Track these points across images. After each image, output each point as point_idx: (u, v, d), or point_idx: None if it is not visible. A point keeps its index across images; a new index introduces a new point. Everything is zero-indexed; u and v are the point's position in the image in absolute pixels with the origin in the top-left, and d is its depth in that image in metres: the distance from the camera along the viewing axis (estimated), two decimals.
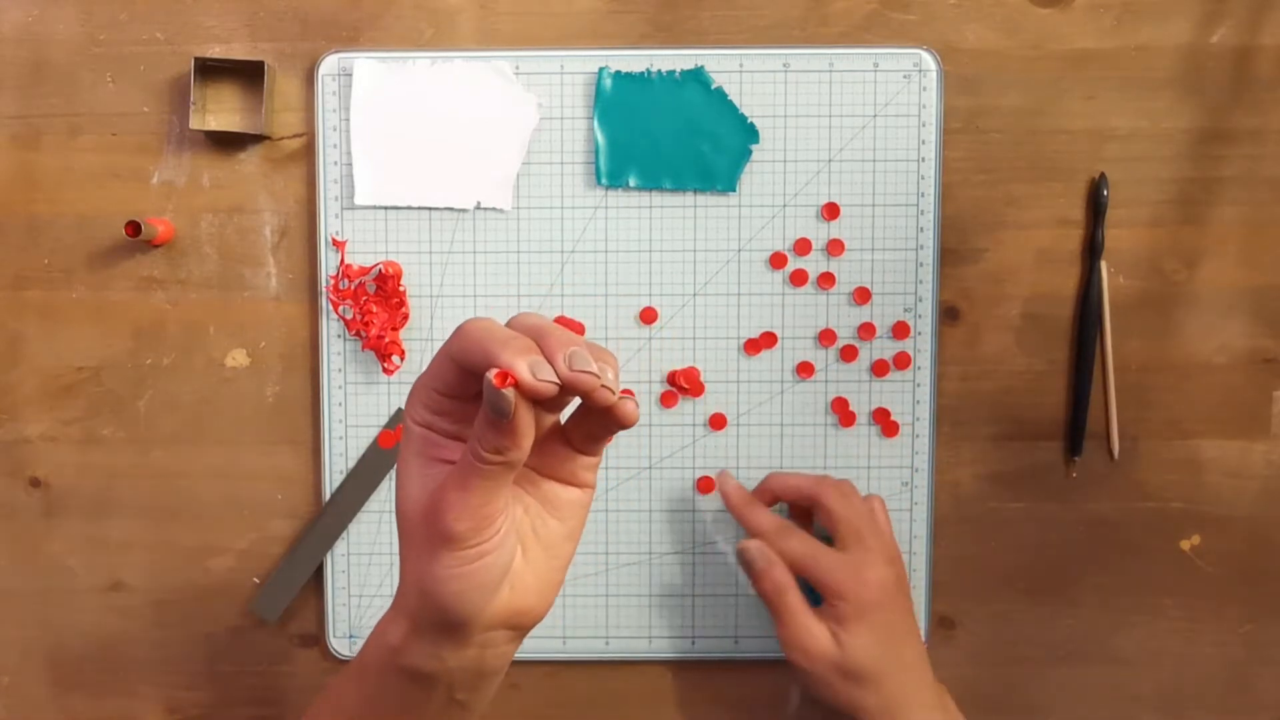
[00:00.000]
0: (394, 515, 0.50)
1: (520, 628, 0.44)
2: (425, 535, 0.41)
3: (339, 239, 0.66)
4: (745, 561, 0.61)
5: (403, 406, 0.66)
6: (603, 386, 0.38)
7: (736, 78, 0.66)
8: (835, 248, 0.66)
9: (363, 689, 0.45)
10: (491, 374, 0.37)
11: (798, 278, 0.66)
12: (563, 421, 0.44)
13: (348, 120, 0.66)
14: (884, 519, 0.63)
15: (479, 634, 0.43)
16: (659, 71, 0.66)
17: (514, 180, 0.66)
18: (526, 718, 0.69)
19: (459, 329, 0.40)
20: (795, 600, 0.60)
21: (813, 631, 0.60)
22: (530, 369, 0.38)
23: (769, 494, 0.64)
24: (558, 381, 0.38)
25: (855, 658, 0.59)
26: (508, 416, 0.38)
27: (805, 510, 0.64)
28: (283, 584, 0.67)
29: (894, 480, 0.67)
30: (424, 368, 0.66)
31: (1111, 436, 0.67)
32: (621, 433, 0.66)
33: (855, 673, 0.59)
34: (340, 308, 0.66)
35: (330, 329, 0.67)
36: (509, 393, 0.37)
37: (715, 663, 0.68)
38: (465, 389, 0.41)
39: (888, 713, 0.59)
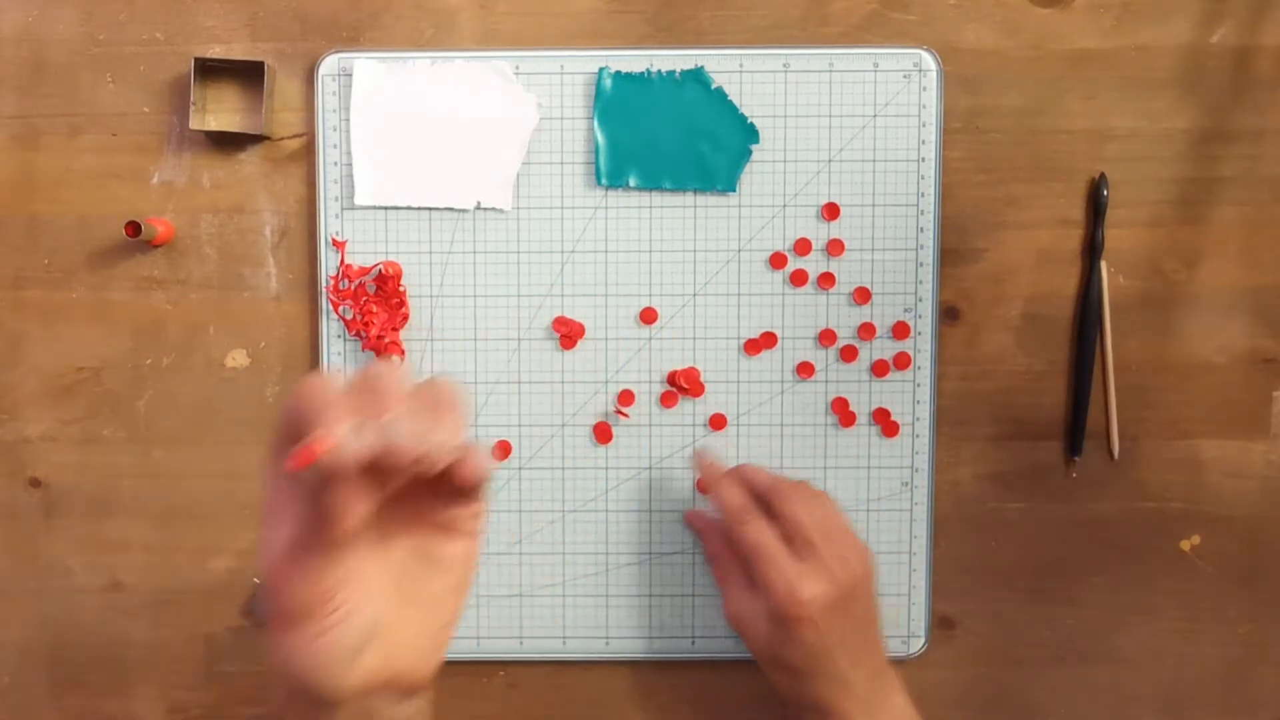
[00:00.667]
0: None
1: (405, 689, 0.42)
2: (270, 609, 0.39)
3: (339, 239, 0.66)
4: (695, 529, 0.63)
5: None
6: (433, 452, 0.36)
7: (736, 78, 0.66)
8: (835, 248, 0.66)
9: None
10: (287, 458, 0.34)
11: (798, 278, 0.66)
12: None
13: (348, 120, 0.66)
14: (838, 527, 0.60)
15: (353, 701, 0.40)
16: (659, 71, 0.66)
17: (514, 180, 0.66)
18: (526, 718, 0.69)
19: (290, 395, 0.38)
20: (736, 576, 0.61)
21: (749, 615, 0.60)
22: (333, 448, 0.34)
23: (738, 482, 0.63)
24: (353, 462, 0.34)
25: (784, 654, 0.59)
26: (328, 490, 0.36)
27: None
28: None
29: (894, 480, 0.67)
30: (424, 367, 0.66)
31: (1111, 436, 0.67)
32: (623, 433, 0.66)
33: (781, 664, 0.59)
34: (340, 308, 0.66)
35: (330, 329, 0.67)
36: (307, 472, 0.35)
37: (715, 663, 0.68)
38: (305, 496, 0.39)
39: (803, 705, 0.60)
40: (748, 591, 0.61)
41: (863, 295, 0.66)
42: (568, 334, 0.66)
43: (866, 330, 0.67)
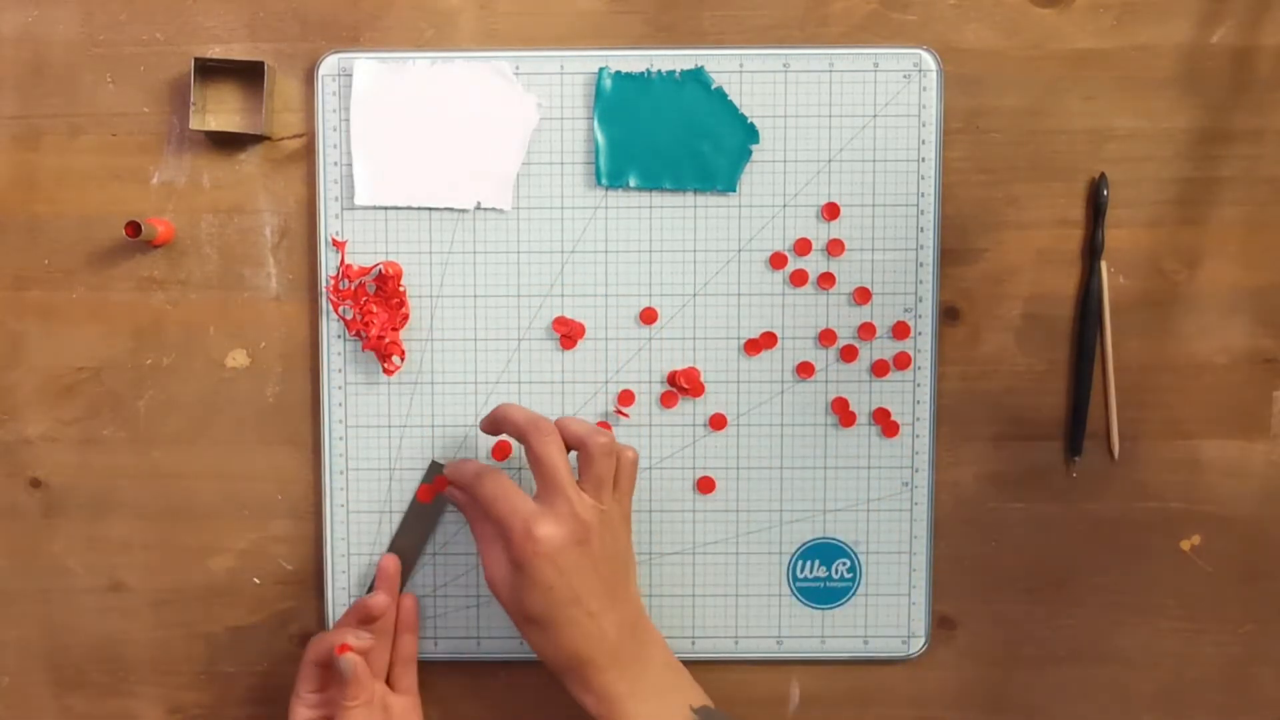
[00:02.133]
0: (393, 518, 0.64)
1: None
2: None
3: (339, 239, 0.66)
4: (456, 501, 0.65)
5: (436, 459, 0.67)
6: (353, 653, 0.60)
7: (736, 78, 0.66)
8: (835, 248, 0.66)
9: None
10: (335, 649, 0.61)
11: (798, 278, 0.66)
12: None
13: (348, 120, 0.66)
14: (601, 472, 0.60)
15: None
16: (659, 71, 0.66)
17: (514, 180, 0.66)
18: (526, 718, 0.69)
19: (310, 646, 0.63)
20: (491, 540, 0.61)
21: (499, 574, 0.60)
22: (355, 640, 0.61)
23: (497, 428, 0.63)
24: (368, 645, 0.62)
25: (529, 603, 0.59)
26: (351, 674, 0.60)
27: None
28: None
29: (894, 480, 0.67)
30: (422, 367, 0.66)
31: (1111, 436, 0.67)
32: (623, 433, 0.66)
33: (525, 615, 0.59)
34: (340, 308, 0.66)
35: (330, 329, 0.67)
36: (350, 656, 0.60)
37: (715, 662, 0.68)
38: (327, 680, 0.63)
39: (559, 662, 0.60)
40: (491, 552, 0.61)
41: (863, 295, 0.66)
42: (568, 334, 0.66)
43: (866, 330, 0.67)
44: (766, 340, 0.67)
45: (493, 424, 0.63)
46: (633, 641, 0.61)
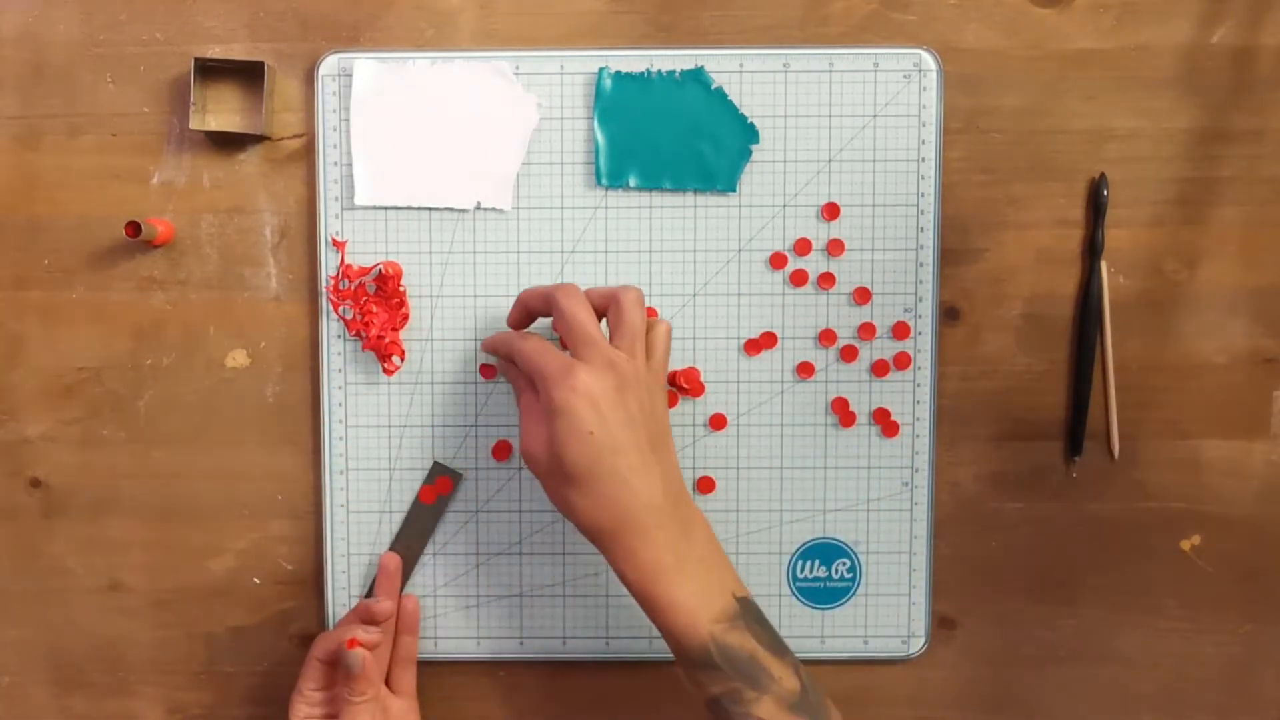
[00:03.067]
0: (393, 518, 0.64)
1: None
2: None
3: (339, 239, 0.66)
4: (506, 375, 0.63)
5: (439, 459, 0.67)
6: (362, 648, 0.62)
7: (736, 78, 0.66)
8: (835, 248, 0.66)
9: None
10: (345, 643, 0.61)
11: (798, 278, 0.66)
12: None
13: (348, 120, 0.66)
14: (633, 323, 0.58)
15: None
16: (659, 72, 0.66)
17: (514, 180, 0.66)
18: (526, 718, 0.69)
19: (315, 643, 0.63)
20: (525, 401, 0.59)
21: (533, 432, 0.58)
22: (364, 634, 0.62)
23: (523, 310, 0.62)
24: (376, 640, 0.62)
25: (567, 457, 0.56)
26: (359, 668, 0.61)
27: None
28: None
29: (894, 480, 0.67)
30: (422, 367, 0.66)
31: (1111, 436, 0.67)
32: None
33: (566, 476, 0.57)
34: (340, 308, 0.66)
35: (330, 329, 0.67)
36: (358, 651, 0.61)
37: None
38: (330, 679, 0.63)
39: (601, 524, 0.57)
40: (528, 419, 0.59)
41: (863, 295, 0.66)
42: None
43: (866, 330, 0.67)
44: (766, 340, 0.67)
45: (521, 310, 0.61)
46: (677, 510, 0.58)
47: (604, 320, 0.60)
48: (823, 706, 0.58)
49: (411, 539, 0.67)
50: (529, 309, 0.62)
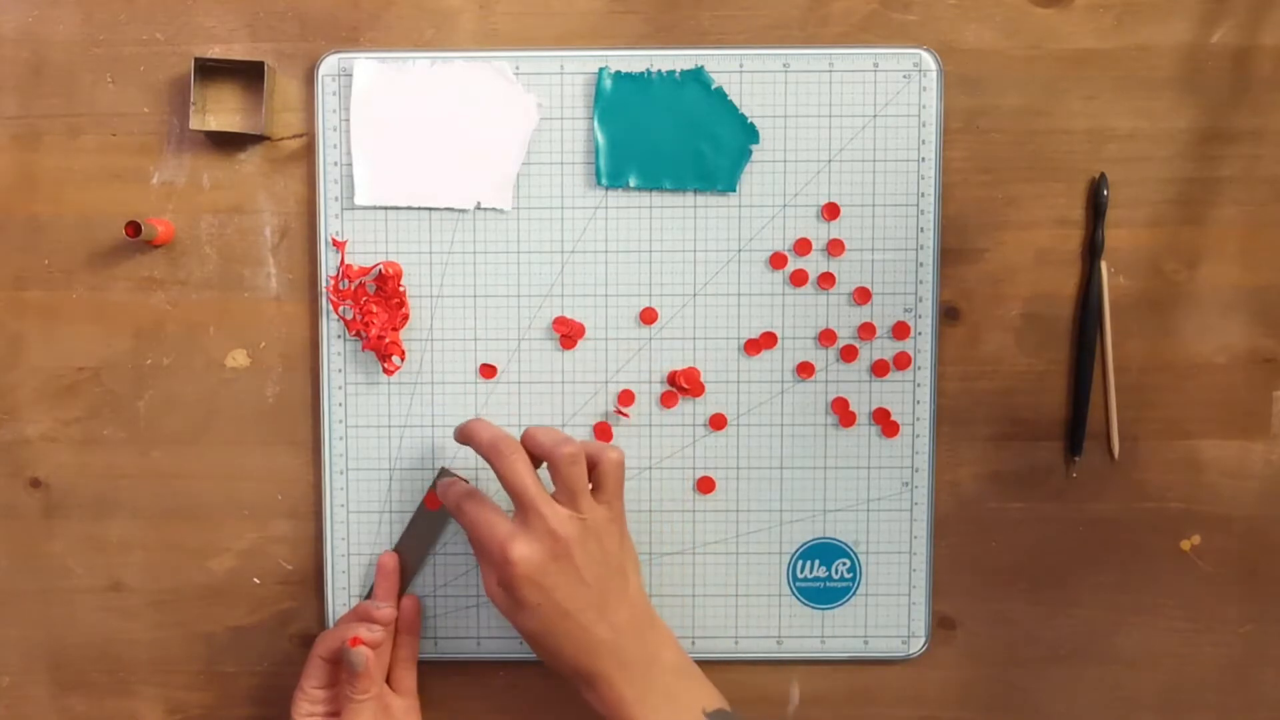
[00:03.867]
0: (393, 518, 0.65)
1: None
2: None
3: (339, 239, 0.66)
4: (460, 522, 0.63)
5: (446, 467, 0.67)
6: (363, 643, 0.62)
7: (736, 78, 0.66)
8: (835, 248, 0.66)
9: None
10: (347, 641, 0.61)
11: (798, 278, 0.66)
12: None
13: (348, 120, 0.66)
14: (571, 481, 0.59)
15: None
16: (659, 71, 0.66)
17: (514, 180, 0.66)
18: (526, 718, 0.69)
19: (318, 641, 0.63)
20: (475, 545, 0.61)
21: (489, 578, 0.60)
22: (367, 633, 0.62)
23: (466, 439, 0.62)
24: (379, 638, 0.62)
25: (523, 623, 0.59)
26: (362, 666, 0.61)
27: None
28: None
29: (894, 480, 0.67)
30: (422, 367, 0.66)
31: (1111, 436, 0.67)
32: (623, 433, 0.65)
33: (523, 631, 0.59)
34: (340, 308, 0.66)
35: (330, 329, 0.67)
36: (361, 649, 0.61)
37: (715, 662, 0.68)
38: (332, 677, 0.63)
39: (562, 672, 0.60)
40: (482, 566, 0.61)
41: (863, 295, 0.66)
42: (568, 334, 0.66)
43: (866, 330, 0.67)
44: (766, 340, 0.67)
45: (464, 437, 0.62)
46: (637, 644, 0.60)
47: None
48: None
49: (415, 543, 0.67)
50: (470, 443, 0.62)
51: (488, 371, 0.67)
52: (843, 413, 0.67)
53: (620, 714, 0.59)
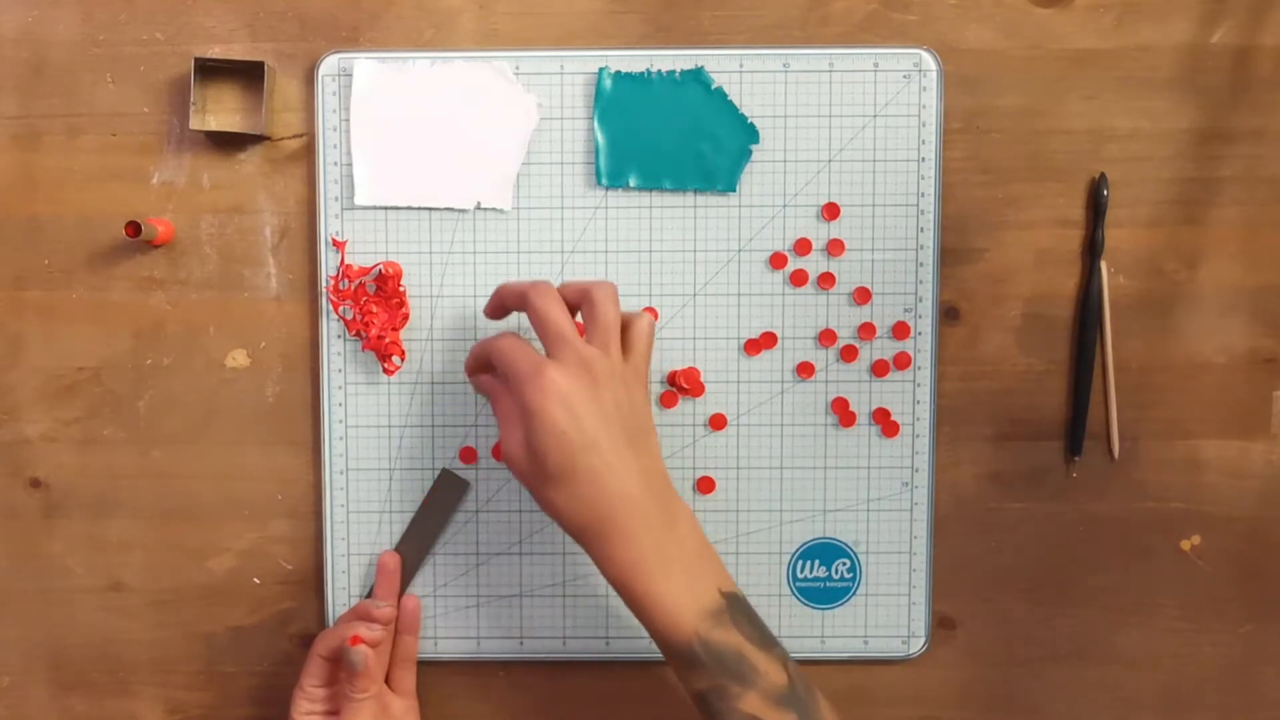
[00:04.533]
0: (393, 518, 0.65)
1: None
2: None
3: (339, 239, 0.66)
4: (481, 388, 0.62)
5: (447, 468, 0.67)
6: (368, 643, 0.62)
7: (736, 78, 0.66)
8: (835, 248, 0.66)
9: None
10: (347, 641, 0.62)
11: (798, 278, 0.66)
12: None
13: (348, 120, 0.66)
14: (606, 319, 0.58)
15: None
16: (659, 71, 0.66)
17: (514, 180, 0.66)
18: (526, 718, 0.69)
19: (318, 640, 0.63)
20: (503, 406, 0.59)
21: (510, 434, 0.58)
22: (367, 631, 0.62)
23: (499, 303, 0.62)
24: (379, 637, 0.63)
25: (544, 457, 0.56)
26: (362, 665, 0.61)
27: None
28: None
29: (894, 480, 0.67)
30: (422, 367, 0.66)
31: (1111, 436, 0.67)
32: None
33: (549, 473, 0.56)
34: (340, 308, 0.66)
35: (330, 329, 0.67)
36: (361, 648, 0.61)
37: None
38: (332, 676, 0.63)
39: (581, 522, 0.57)
40: (505, 425, 0.58)
41: (863, 295, 0.66)
42: None
43: (866, 330, 0.67)
44: (766, 340, 0.67)
45: (496, 303, 0.61)
46: (659, 506, 0.57)
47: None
48: (811, 699, 0.58)
49: (415, 543, 0.67)
50: (504, 304, 0.62)
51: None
52: (843, 413, 0.67)
53: (632, 576, 0.56)
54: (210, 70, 0.65)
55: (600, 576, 0.67)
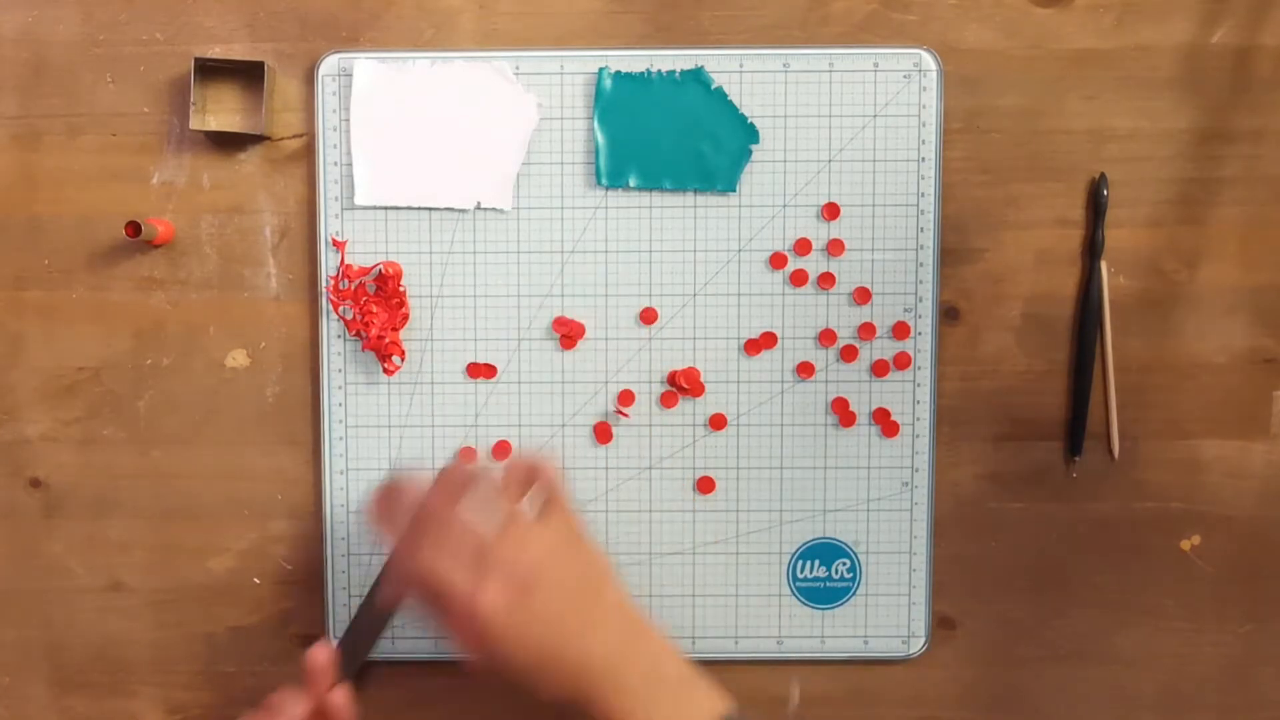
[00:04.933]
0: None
1: None
2: None
3: (339, 239, 0.66)
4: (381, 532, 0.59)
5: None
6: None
7: (736, 78, 0.66)
8: (835, 248, 0.66)
9: None
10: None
11: (798, 278, 0.66)
12: None
13: (348, 120, 0.66)
14: (509, 518, 0.55)
15: None
16: (659, 71, 0.66)
17: (514, 180, 0.66)
18: (526, 718, 0.69)
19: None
20: (434, 609, 0.56)
21: (460, 639, 0.56)
22: None
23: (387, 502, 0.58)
24: None
25: (500, 665, 0.55)
26: None
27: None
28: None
29: (894, 480, 0.67)
30: (422, 367, 0.66)
31: (1111, 436, 0.67)
32: (623, 433, 0.65)
33: (508, 674, 0.55)
34: (340, 308, 0.66)
35: (330, 329, 0.67)
36: None
37: (715, 663, 0.68)
38: None
39: (559, 701, 0.55)
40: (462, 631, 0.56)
41: (863, 295, 0.66)
42: (568, 334, 0.66)
43: (866, 330, 0.67)
44: (766, 340, 0.67)
45: (379, 507, 0.58)
46: (632, 660, 0.55)
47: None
48: None
49: (357, 636, 0.62)
50: (395, 510, 0.57)
51: (488, 371, 0.67)
52: (843, 413, 0.67)
53: None
54: (210, 70, 0.65)
55: None
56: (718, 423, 0.67)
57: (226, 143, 0.66)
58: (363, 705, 0.67)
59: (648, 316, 0.66)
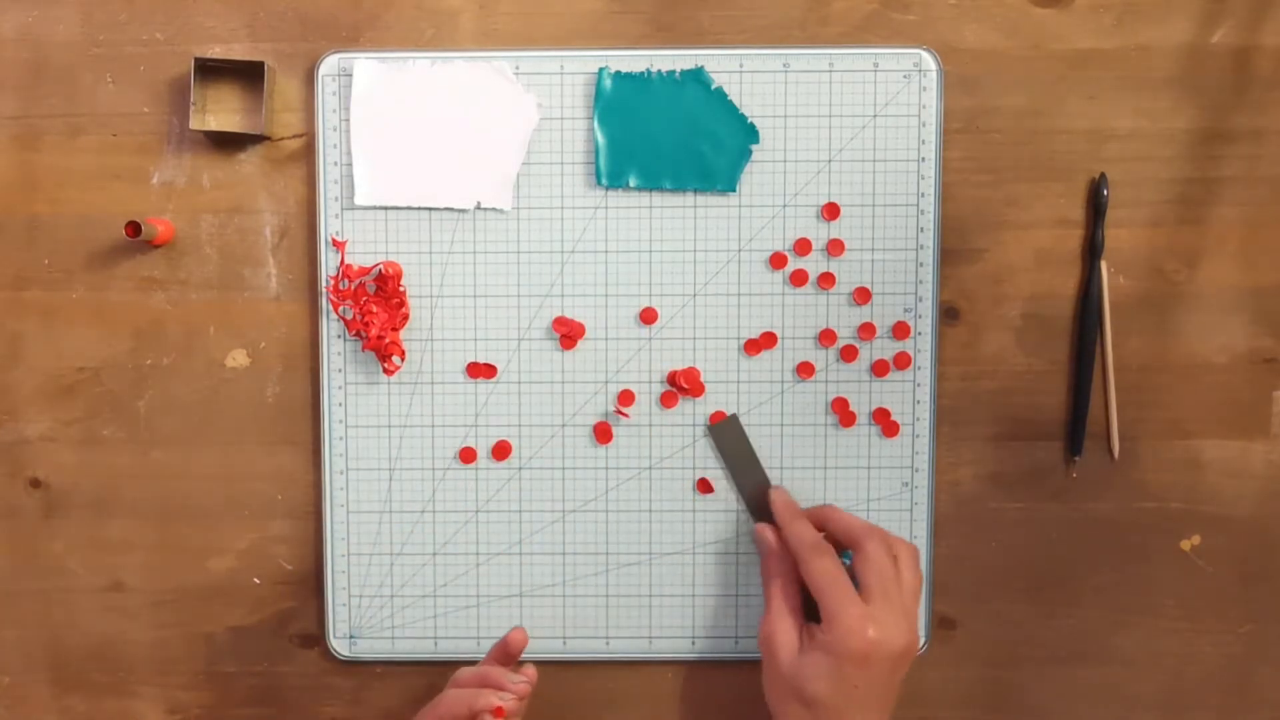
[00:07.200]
0: (393, 518, 0.65)
1: None
2: None
3: (339, 239, 0.66)
4: (759, 541, 0.63)
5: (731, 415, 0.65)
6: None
7: (736, 78, 0.66)
8: (835, 248, 0.66)
9: None
10: (490, 711, 0.59)
11: (798, 278, 0.66)
12: None
13: (348, 120, 0.66)
14: (911, 577, 0.61)
15: None
16: (659, 71, 0.66)
17: (514, 180, 0.66)
18: (527, 718, 0.69)
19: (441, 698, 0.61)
20: (784, 594, 0.61)
21: (784, 631, 0.60)
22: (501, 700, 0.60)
23: (817, 520, 0.64)
24: (514, 708, 0.60)
25: (807, 680, 0.58)
26: None
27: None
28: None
29: (894, 480, 0.67)
30: (422, 367, 0.66)
31: (1111, 436, 0.67)
32: (623, 433, 0.65)
33: (800, 694, 0.59)
34: (340, 308, 0.66)
35: (330, 329, 0.67)
36: None
37: (715, 663, 0.68)
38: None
39: None
40: (791, 619, 0.61)
41: (863, 295, 0.66)
42: (568, 334, 0.66)
43: (866, 330, 0.67)
44: (766, 340, 0.67)
45: (817, 519, 0.63)
46: None
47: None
48: None
49: (749, 479, 0.66)
50: (824, 528, 0.63)
51: (488, 371, 0.67)
52: (843, 413, 0.67)
53: None
54: (210, 70, 0.65)
55: (601, 577, 0.67)
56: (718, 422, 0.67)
57: (226, 143, 0.66)
58: (363, 705, 0.68)
59: (648, 316, 0.66)
